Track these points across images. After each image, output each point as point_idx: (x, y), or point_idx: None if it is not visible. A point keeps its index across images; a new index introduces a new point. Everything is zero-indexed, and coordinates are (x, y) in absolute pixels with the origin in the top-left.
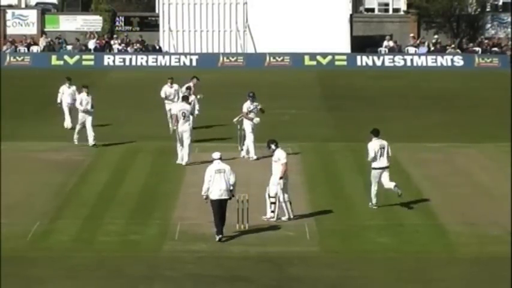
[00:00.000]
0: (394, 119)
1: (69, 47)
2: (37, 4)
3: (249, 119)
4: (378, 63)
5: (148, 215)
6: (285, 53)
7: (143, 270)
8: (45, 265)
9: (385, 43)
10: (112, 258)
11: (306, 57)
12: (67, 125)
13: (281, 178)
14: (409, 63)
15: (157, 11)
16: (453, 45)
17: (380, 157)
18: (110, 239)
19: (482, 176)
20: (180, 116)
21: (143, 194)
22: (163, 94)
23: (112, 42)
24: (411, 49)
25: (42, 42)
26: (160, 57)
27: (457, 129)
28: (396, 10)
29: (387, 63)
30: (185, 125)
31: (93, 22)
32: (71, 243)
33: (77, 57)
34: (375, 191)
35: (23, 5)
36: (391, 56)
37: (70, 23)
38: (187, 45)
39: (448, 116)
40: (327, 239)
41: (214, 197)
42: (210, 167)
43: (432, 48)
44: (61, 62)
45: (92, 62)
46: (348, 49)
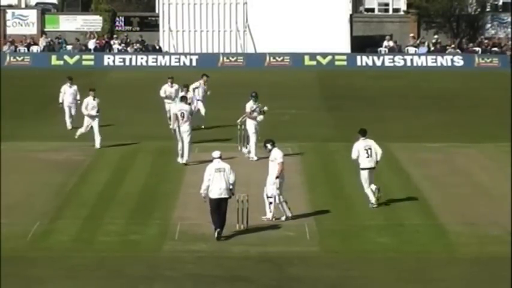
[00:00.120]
0: (394, 119)
1: (69, 47)
2: (37, 4)
3: (253, 118)
4: (378, 63)
5: (148, 215)
6: (285, 53)
7: (143, 270)
8: (45, 265)
9: (385, 43)
10: (112, 258)
11: (306, 57)
12: (68, 126)
13: (277, 178)
14: (409, 63)
15: (157, 11)
16: (453, 45)
17: (367, 157)
18: (110, 239)
19: (482, 176)
20: (180, 117)
21: (143, 194)
22: (162, 93)
23: (112, 42)
24: (411, 49)
25: (42, 42)
26: (160, 57)
27: (457, 129)
28: (396, 10)
29: (387, 63)
30: (185, 125)
31: (93, 22)
32: (71, 243)
33: (77, 57)
34: (370, 190)
35: (23, 5)
36: (391, 56)
37: (70, 23)
38: (187, 45)
39: (448, 116)
40: (327, 239)
41: (213, 196)
42: (210, 166)
43: (432, 48)
44: (61, 62)
45: (92, 62)
46: (348, 49)
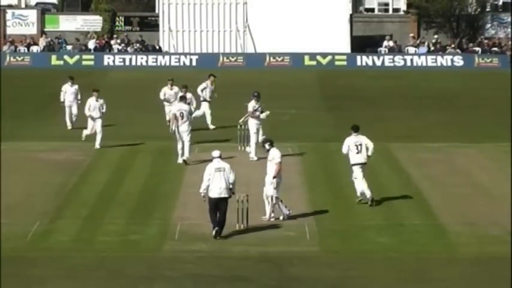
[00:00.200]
0: (394, 119)
1: (69, 47)
2: (37, 4)
3: (256, 117)
4: (378, 63)
5: (148, 215)
6: (285, 53)
7: (143, 270)
8: (45, 265)
9: (385, 43)
10: (112, 258)
11: (306, 57)
12: (68, 126)
13: (274, 177)
14: (409, 63)
15: (157, 11)
16: (453, 45)
17: (357, 153)
18: (110, 239)
19: (482, 176)
20: (179, 116)
21: (143, 194)
22: (162, 96)
23: (112, 42)
24: (411, 49)
25: (42, 42)
26: (160, 57)
27: (457, 129)
28: (396, 10)
29: (387, 63)
30: (184, 125)
31: (93, 22)
32: (71, 243)
33: (77, 57)
34: (365, 186)
35: (23, 5)
36: (391, 56)
37: (70, 23)
38: (187, 45)
39: (448, 116)
40: (327, 239)
41: (213, 195)
42: (210, 166)
43: (432, 48)
44: (61, 62)
45: (92, 62)
46: (348, 49)
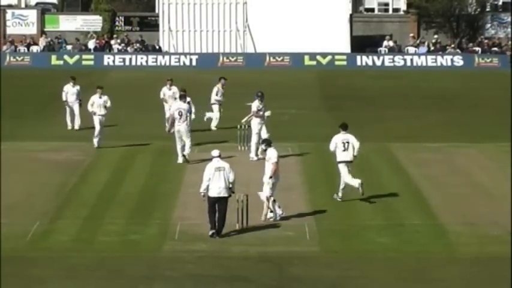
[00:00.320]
0: (394, 119)
1: (69, 47)
2: (37, 4)
3: (259, 117)
4: (378, 63)
5: (148, 215)
6: (285, 53)
7: (143, 270)
8: (45, 265)
9: (385, 43)
10: (112, 258)
11: (306, 57)
12: (68, 126)
13: (270, 177)
14: (409, 63)
15: (157, 11)
16: (453, 45)
17: (343, 151)
18: (110, 239)
19: (482, 176)
20: (177, 116)
21: (143, 194)
22: (162, 95)
23: (112, 42)
24: (411, 49)
25: (42, 42)
26: (160, 57)
27: (457, 129)
28: (396, 10)
29: (387, 63)
30: (183, 124)
31: (93, 22)
32: (71, 243)
33: (77, 57)
34: (349, 179)
35: (23, 5)
36: (391, 56)
37: (70, 23)
38: (187, 45)
39: (448, 116)
40: (327, 239)
41: (212, 194)
42: (210, 165)
43: (432, 48)
44: (61, 62)
45: (92, 62)
46: (348, 49)
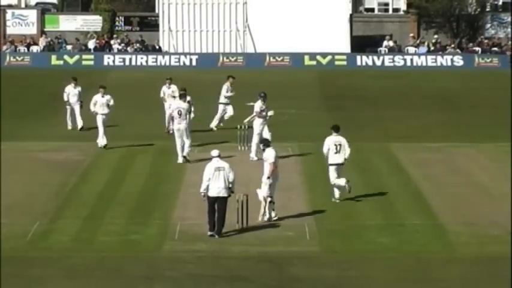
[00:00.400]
0: (394, 119)
1: (69, 47)
2: (37, 4)
3: (262, 117)
4: (378, 63)
5: (148, 215)
6: (285, 53)
7: (143, 270)
8: (45, 265)
9: (385, 43)
10: (112, 258)
11: (306, 57)
12: (68, 126)
13: (268, 178)
14: (409, 63)
15: (157, 11)
16: (453, 45)
17: (335, 153)
18: (110, 239)
19: (482, 176)
20: (177, 115)
21: (143, 194)
22: (161, 94)
23: (112, 42)
24: (411, 49)
25: (42, 42)
26: (160, 57)
27: (457, 129)
28: (396, 10)
29: (387, 63)
30: (182, 123)
31: (93, 22)
32: (71, 243)
33: (77, 57)
34: (336, 185)
35: (23, 5)
36: (391, 56)
37: (70, 23)
38: (187, 45)
39: (448, 116)
40: (327, 239)
41: (211, 194)
42: (209, 165)
43: (432, 48)
44: (61, 62)
45: (92, 62)
46: (348, 49)
